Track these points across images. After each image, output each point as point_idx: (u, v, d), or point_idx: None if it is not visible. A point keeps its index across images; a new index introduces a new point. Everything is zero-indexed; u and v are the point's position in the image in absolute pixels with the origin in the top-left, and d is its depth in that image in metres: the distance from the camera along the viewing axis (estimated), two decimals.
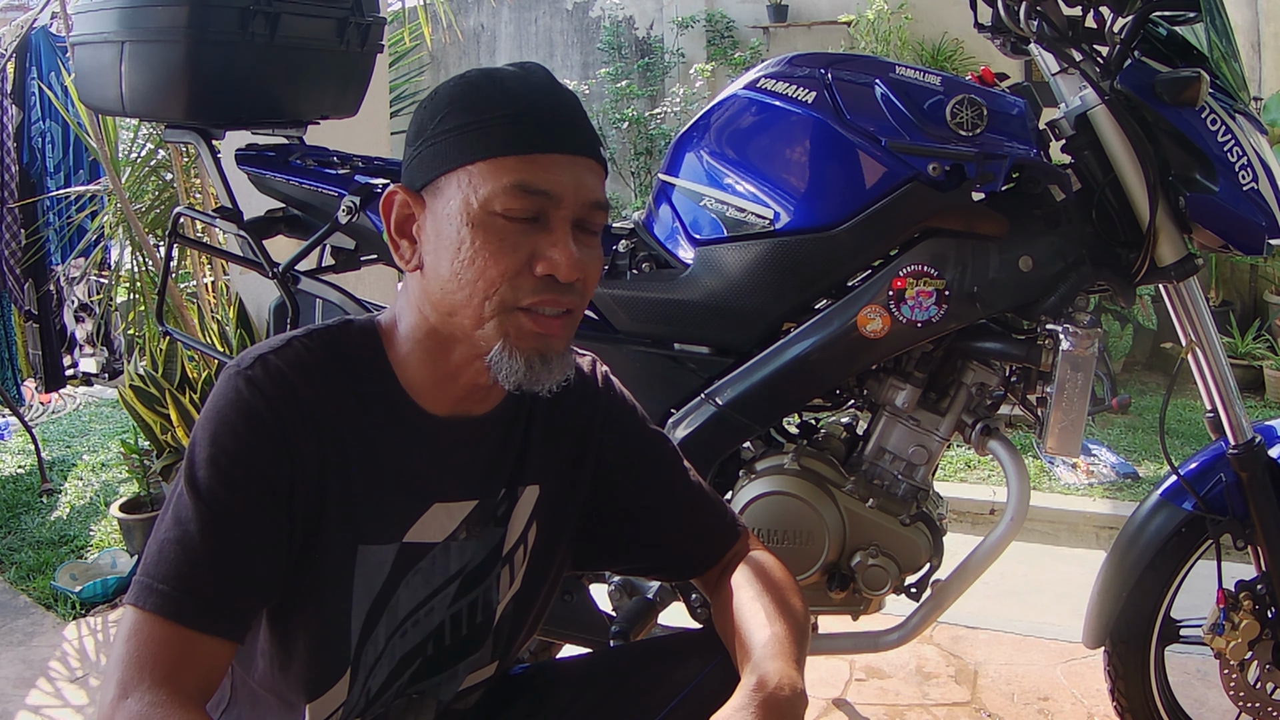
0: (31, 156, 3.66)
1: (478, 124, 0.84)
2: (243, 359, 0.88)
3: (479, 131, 0.84)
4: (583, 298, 0.89)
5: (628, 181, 6.68)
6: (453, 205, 0.84)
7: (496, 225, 0.83)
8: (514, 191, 0.83)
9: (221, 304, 3.11)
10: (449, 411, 0.93)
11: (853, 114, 1.43)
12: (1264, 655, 1.54)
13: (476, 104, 0.85)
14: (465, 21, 7.24)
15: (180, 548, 0.82)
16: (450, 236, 0.84)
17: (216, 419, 0.85)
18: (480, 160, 0.83)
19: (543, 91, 0.86)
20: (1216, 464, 1.54)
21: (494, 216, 0.83)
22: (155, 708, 0.76)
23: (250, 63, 1.63)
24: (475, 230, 0.83)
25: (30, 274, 3.69)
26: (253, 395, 0.85)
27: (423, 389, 0.92)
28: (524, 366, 0.86)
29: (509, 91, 0.85)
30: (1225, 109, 1.38)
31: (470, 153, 0.84)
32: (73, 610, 2.45)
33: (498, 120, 0.84)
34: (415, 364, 0.91)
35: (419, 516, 0.93)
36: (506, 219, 0.83)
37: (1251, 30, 4.79)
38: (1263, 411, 4.06)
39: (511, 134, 0.83)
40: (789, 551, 1.48)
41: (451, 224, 0.84)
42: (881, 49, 5.32)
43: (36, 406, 4.31)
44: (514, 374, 0.86)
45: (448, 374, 0.90)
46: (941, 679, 2.08)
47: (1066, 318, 1.43)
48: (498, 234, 0.83)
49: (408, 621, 0.95)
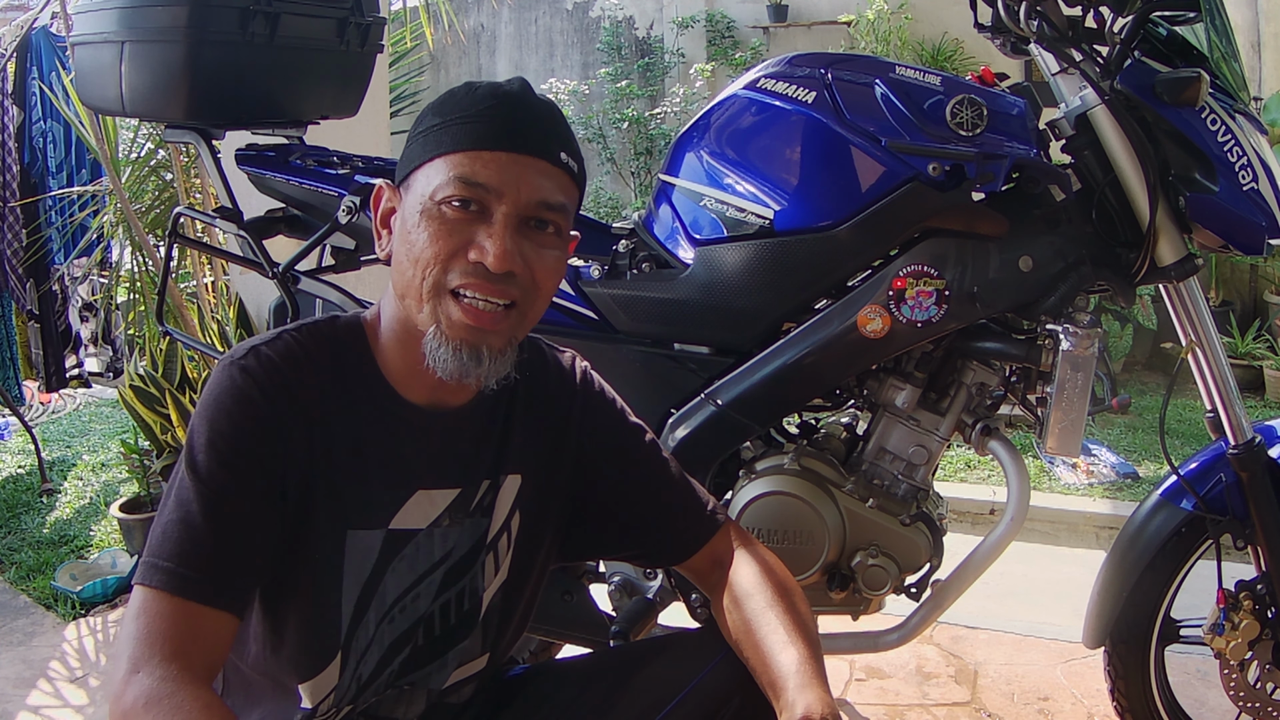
0: (33, 156, 3.66)
1: (442, 125, 0.92)
2: (236, 351, 0.94)
3: (440, 131, 0.92)
4: (527, 293, 0.93)
5: (628, 181, 6.68)
6: (413, 197, 0.93)
7: (440, 213, 0.90)
8: (455, 182, 0.90)
9: (221, 304, 3.11)
10: (427, 401, 0.98)
11: (853, 114, 1.43)
12: (1264, 655, 1.54)
13: (446, 108, 0.93)
14: (465, 21, 7.24)
15: (183, 527, 0.86)
16: (409, 224, 0.92)
17: (214, 406, 0.90)
18: (438, 156, 0.91)
19: (507, 98, 0.93)
20: (1216, 464, 1.54)
21: (439, 205, 0.90)
22: (166, 682, 0.80)
23: (250, 63, 1.63)
24: (423, 217, 0.91)
25: (31, 273, 3.69)
26: (246, 383, 0.90)
27: (402, 378, 0.97)
28: (452, 356, 0.90)
29: (476, 97, 0.93)
30: (1225, 109, 1.38)
31: (431, 150, 0.92)
32: (73, 610, 2.45)
33: (456, 121, 0.92)
34: (393, 353, 0.97)
35: (404, 503, 0.97)
36: (450, 208, 0.90)
37: (1251, 30, 4.78)
38: (1263, 411, 4.06)
39: (463, 133, 0.91)
40: (789, 551, 1.48)
41: (412, 213, 0.92)
42: (881, 49, 5.32)
43: (36, 406, 4.31)
44: (444, 362, 0.91)
45: (421, 361, 0.94)
46: (941, 679, 2.08)
47: (1066, 318, 1.43)
48: (439, 221, 0.90)
49: (395, 607, 0.98)
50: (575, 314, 1.58)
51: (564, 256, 0.96)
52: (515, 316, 0.93)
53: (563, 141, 0.95)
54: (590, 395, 1.11)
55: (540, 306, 0.96)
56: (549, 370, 1.10)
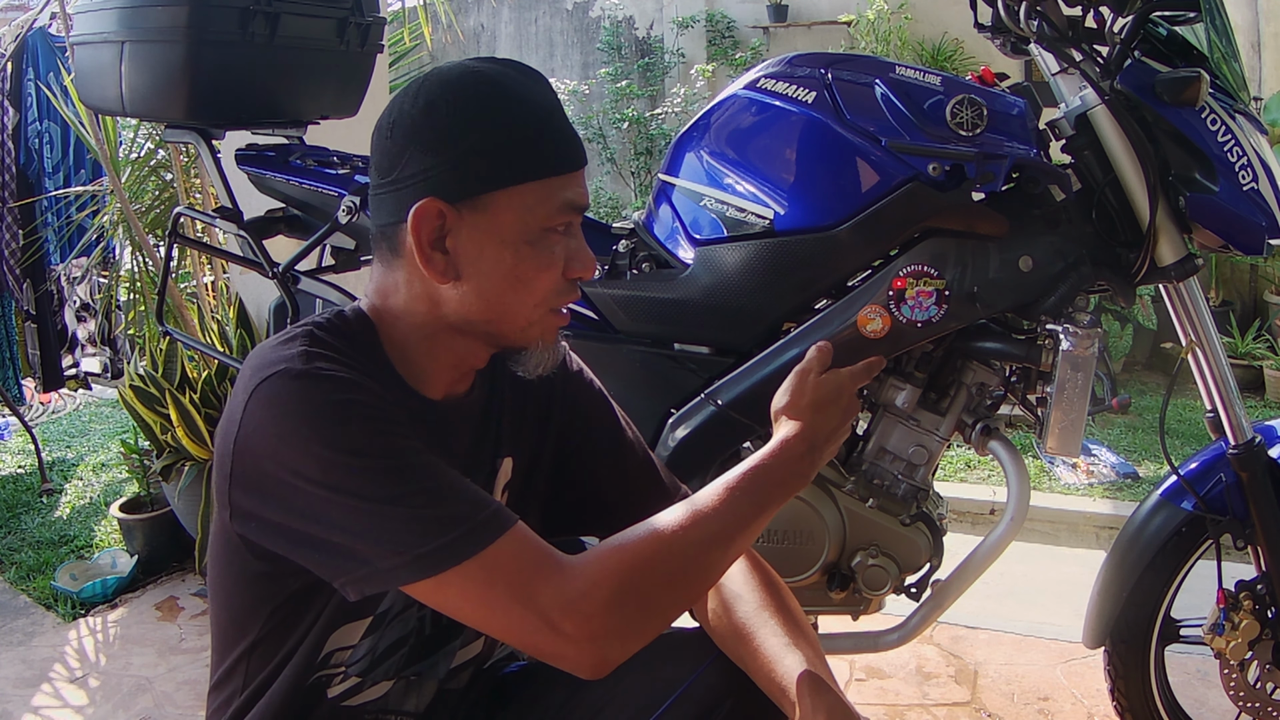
0: (29, 157, 3.66)
1: (522, 141, 0.88)
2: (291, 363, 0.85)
3: (524, 149, 0.88)
4: None
5: (628, 181, 6.68)
6: (507, 222, 0.89)
7: (548, 240, 0.91)
8: (566, 209, 0.90)
9: (221, 304, 3.10)
10: (442, 395, 0.98)
11: (853, 114, 1.43)
12: (1264, 655, 1.54)
13: (509, 119, 0.88)
14: (465, 21, 7.24)
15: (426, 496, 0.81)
16: (505, 252, 0.90)
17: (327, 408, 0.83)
18: (534, 180, 0.89)
19: (554, 102, 0.92)
20: (1216, 464, 1.54)
21: (547, 233, 0.90)
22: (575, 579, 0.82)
23: (250, 63, 1.63)
24: (531, 246, 0.90)
25: (29, 274, 3.69)
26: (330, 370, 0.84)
27: (419, 375, 0.97)
28: (550, 355, 0.97)
29: (532, 104, 0.90)
30: (1225, 109, 1.38)
31: (521, 172, 0.88)
32: (73, 610, 2.45)
33: (538, 138, 0.89)
34: (413, 352, 0.96)
35: None
36: (556, 233, 0.91)
37: (1251, 30, 4.79)
38: (1263, 411, 4.06)
39: (557, 153, 0.90)
40: (789, 551, 1.49)
41: (507, 240, 0.89)
42: (881, 49, 5.32)
43: (36, 406, 4.30)
44: (543, 362, 0.96)
45: (449, 362, 0.96)
46: (941, 679, 2.08)
47: (1066, 318, 1.43)
48: (548, 248, 0.91)
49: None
50: (575, 314, 1.58)
51: None
52: None
53: None
54: (571, 372, 1.13)
55: None
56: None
